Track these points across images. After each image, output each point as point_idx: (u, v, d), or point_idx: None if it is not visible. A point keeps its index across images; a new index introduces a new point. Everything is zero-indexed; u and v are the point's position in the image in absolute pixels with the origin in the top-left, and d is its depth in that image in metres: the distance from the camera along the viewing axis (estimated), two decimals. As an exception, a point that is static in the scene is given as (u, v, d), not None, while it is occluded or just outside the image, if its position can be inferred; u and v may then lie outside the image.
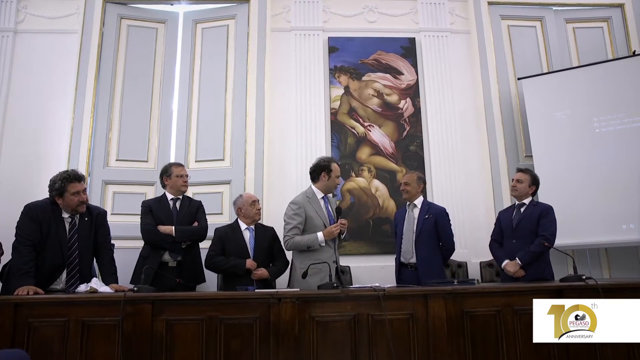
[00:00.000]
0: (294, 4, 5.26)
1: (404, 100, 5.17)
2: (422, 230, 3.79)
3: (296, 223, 3.54)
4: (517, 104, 5.21)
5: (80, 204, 3.16)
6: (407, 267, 3.82)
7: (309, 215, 3.57)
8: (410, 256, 3.81)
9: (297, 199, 3.67)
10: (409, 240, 3.84)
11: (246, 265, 3.63)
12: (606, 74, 4.84)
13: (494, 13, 5.43)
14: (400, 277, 3.84)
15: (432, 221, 3.81)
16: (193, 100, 5.06)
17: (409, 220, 3.90)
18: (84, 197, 3.18)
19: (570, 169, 4.74)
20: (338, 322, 2.69)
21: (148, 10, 5.26)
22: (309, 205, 3.60)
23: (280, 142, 4.96)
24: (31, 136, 4.76)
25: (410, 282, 3.56)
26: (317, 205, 3.63)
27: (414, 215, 3.89)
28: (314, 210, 3.59)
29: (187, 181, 3.93)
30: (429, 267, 3.73)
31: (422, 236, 3.78)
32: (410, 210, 3.94)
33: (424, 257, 3.75)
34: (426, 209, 3.88)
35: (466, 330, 2.72)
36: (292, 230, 3.53)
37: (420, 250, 3.77)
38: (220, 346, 2.61)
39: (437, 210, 3.89)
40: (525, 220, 3.74)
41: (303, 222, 3.55)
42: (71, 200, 3.12)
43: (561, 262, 4.24)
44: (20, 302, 2.60)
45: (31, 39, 5.01)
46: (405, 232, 3.88)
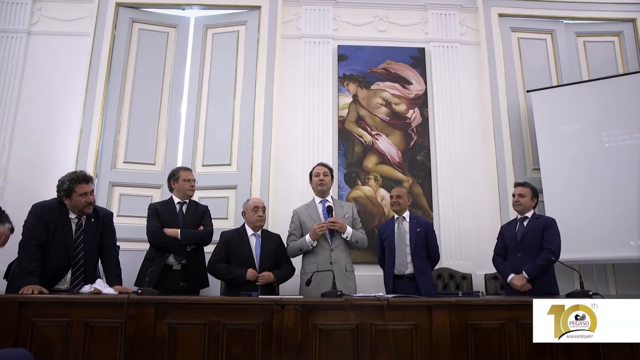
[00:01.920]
0: (304, 12, 5.29)
1: (412, 110, 5.17)
2: (417, 243, 3.90)
3: (291, 230, 3.82)
4: (525, 116, 5.19)
5: (87, 205, 3.18)
6: (402, 278, 3.88)
7: (302, 220, 3.80)
8: (405, 268, 3.88)
9: (296, 208, 3.94)
10: (403, 252, 3.92)
11: (247, 276, 3.60)
12: (616, 89, 4.81)
13: (504, 25, 5.43)
14: (395, 289, 3.82)
15: (423, 234, 3.95)
16: (201, 105, 5.09)
17: (401, 233, 3.97)
18: (91, 198, 3.20)
19: (578, 183, 4.70)
20: (341, 330, 2.67)
21: (160, 14, 5.30)
22: (304, 211, 3.84)
23: (287, 148, 4.97)
24: (40, 137, 4.81)
25: (408, 292, 3.54)
26: (312, 211, 3.83)
27: (405, 228, 3.98)
28: (308, 215, 3.80)
29: (194, 185, 3.95)
30: (425, 276, 3.86)
31: (416, 248, 3.89)
32: (400, 223, 4.01)
33: (419, 268, 3.86)
34: (415, 222, 4.01)
35: (470, 343, 2.68)
36: (289, 237, 3.82)
37: (415, 261, 3.87)
38: (223, 351, 2.60)
39: (426, 224, 4.07)
40: (529, 234, 3.75)
41: (297, 228, 3.79)
42: (78, 201, 3.14)
43: (567, 277, 4.20)
44: (24, 301, 2.60)
45: (44, 40, 5.08)
46: (397, 244, 3.95)
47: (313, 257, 3.67)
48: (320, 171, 3.84)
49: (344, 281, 3.60)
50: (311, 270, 3.50)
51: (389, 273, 3.95)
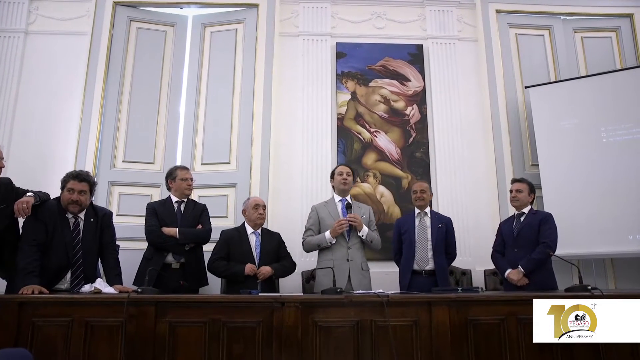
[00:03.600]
0: (302, 9, 5.28)
1: (411, 106, 5.17)
2: (438, 239, 3.90)
3: (309, 225, 3.84)
4: (524, 112, 5.20)
5: (71, 203, 3.13)
6: (420, 274, 3.87)
7: (321, 217, 3.82)
8: (426, 264, 3.88)
9: (315, 204, 4.00)
10: (424, 247, 3.91)
11: (245, 271, 3.61)
12: (614, 84, 4.82)
13: (502, 21, 5.43)
14: (412, 284, 3.80)
15: (444, 230, 3.94)
16: (200, 103, 5.08)
17: (422, 228, 3.96)
18: (78, 197, 3.13)
19: (576, 178, 4.71)
20: (341, 327, 2.68)
21: (158, 13, 5.29)
22: (323, 208, 3.88)
23: (286, 146, 4.97)
24: (39, 136, 4.80)
25: (426, 288, 3.53)
26: (332, 208, 3.86)
27: (427, 223, 3.97)
28: (328, 212, 3.83)
29: (191, 184, 3.94)
30: (444, 273, 3.89)
31: (437, 244, 3.89)
32: (422, 218, 4.00)
33: (440, 264, 3.87)
34: (436, 218, 4.01)
35: (470, 338, 2.70)
36: (306, 232, 3.83)
37: (436, 257, 3.87)
38: (223, 349, 2.61)
39: (446, 220, 4.04)
40: (525, 229, 3.76)
41: (316, 224, 3.82)
42: (65, 198, 3.14)
43: (566, 271, 4.22)
44: (24, 301, 2.60)
45: (41, 40, 5.06)
46: (419, 239, 3.93)
47: (330, 253, 3.69)
48: (344, 170, 3.92)
49: (359, 279, 3.65)
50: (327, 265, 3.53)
51: (406, 267, 3.92)
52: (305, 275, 4.36)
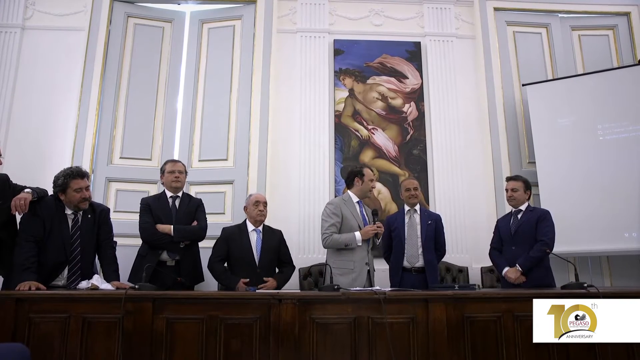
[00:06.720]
0: (300, 6, 5.27)
1: (408, 104, 5.17)
2: (427, 236, 3.92)
3: (334, 221, 3.68)
4: (521, 110, 5.21)
5: (82, 201, 3.17)
6: (410, 271, 3.89)
7: (345, 216, 3.71)
8: (416, 260, 3.90)
9: (333, 200, 3.91)
10: (414, 244, 3.92)
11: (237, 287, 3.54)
12: (611, 82, 4.83)
13: (499, 19, 5.44)
14: (402, 282, 3.84)
15: (433, 227, 3.97)
16: (197, 100, 5.07)
17: (412, 225, 3.98)
18: (86, 194, 3.19)
19: (573, 176, 4.73)
20: (338, 324, 2.69)
21: (155, 9, 5.28)
22: (344, 206, 3.76)
23: (284, 143, 4.96)
24: (36, 133, 4.78)
25: (416, 285, 3.58)
26: (352, 208, 3.78)
27: (416, 220, 3.99)
28: (349, 212, 3.74)
29: (178, 177, 3.82)
30: (433, 270, 3.90)
31: (427, 241, 3.91)
32: (411, 215, 4.02)
33: (429, 261, 3.89)
34: (426, 215, 4.05)
35: (466, 335, 2.71)
36: (330, 227, 3.67)
37: (426, 254, 3.89)
38: (220, 346, 2.61)
39: (436, 217, 4.08)
40: (523, 226, 3.77)
41: (340, 221, 3.69)
42: (73, 197, 3.14)
43: (562, 269, 4.24)
44: (21, 297, 2.60)
45: (38, 35, 5.03)
46: (409, 236, 3.95)
47: (350, 254, 3.63)
48: (374, 177, 3.96)
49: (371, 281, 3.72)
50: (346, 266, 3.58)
51: (396, 265, 3.94)
52: (302, 272, 4.36)
